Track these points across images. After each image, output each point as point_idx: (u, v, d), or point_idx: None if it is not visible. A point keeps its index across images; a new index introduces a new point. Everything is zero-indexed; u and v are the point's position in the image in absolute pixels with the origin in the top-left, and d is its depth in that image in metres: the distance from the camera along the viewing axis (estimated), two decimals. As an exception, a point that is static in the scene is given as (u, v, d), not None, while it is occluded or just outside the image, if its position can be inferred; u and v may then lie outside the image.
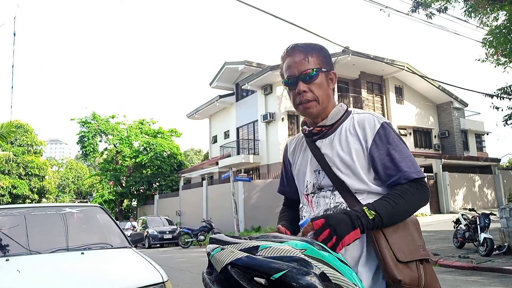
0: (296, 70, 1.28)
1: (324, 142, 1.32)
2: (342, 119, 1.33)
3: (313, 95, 1.28)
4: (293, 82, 1.30)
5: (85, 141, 30.07)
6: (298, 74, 1.28)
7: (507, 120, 11.34)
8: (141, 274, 2.93)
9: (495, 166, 22.76)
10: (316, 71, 1.28)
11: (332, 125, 1.32)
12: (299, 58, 1.29)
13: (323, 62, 1.32)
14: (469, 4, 10.31)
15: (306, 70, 1.27)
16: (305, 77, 1.28)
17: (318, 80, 1.29)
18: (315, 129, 1.33)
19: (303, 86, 1.28)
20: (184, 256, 12.55)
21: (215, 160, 23.43)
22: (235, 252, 0.54)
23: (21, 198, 31.57)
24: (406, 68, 20.42)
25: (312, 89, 1.28)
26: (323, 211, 1.25)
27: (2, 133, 9.65)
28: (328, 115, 1.32)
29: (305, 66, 1.28)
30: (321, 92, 1.30)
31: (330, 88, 1.34)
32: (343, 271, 0.55)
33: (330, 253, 0.57)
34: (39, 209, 3.99)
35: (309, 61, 1.29)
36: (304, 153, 1.40)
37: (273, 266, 0.50)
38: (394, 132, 1.27)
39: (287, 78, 1.31)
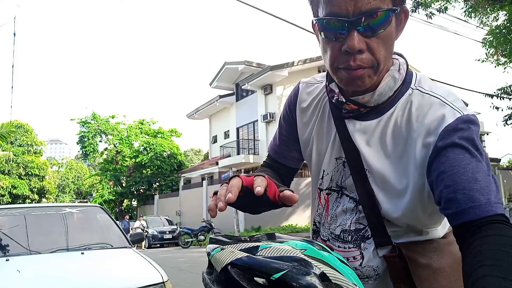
0: (352, 5, 0.69)
1: (360, 126, 0.83)
2: (396, 96, 0.80)
3: (373, 58, 0.73)
4: (342, 29, 0.71)
5: (85, 141, 30.10)
6: (356, 14, 0.69)
7: (507, 120, 11.34)
8: (141, 274, 2.93)
9: (495, 166, 22.76)
10: (389, 13, 0.70)
11: (379, 105, 0.81)
12: None
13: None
14: (469, 4, 10.31)
15: (372, 9, 0.69)
16: (366, 24, 0.70)
17: (388, 31, 0.72)
18: (350, 106, 0.82)
19: (359, 41, 0.70)
20: (184, 256, 12.55)
21: (215, 160, 23.43)
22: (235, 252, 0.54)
23: (21, 198, 31.57)
24: (406, 68, 20.39)
25: (374, 47, 0.72)
26: (340, 230, 0.88)
27: (2, 133, 9.65)
28: (377, 89, 0.79)
29: (371, 2, 0.69)
30: (386, 52, 0.74)
31: (396, 39, 0.77)
32: (344, 271, 0.55)
33: (331, 253, 0.57)
34: (39, 209, 3.99)
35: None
36: (324, 124, 0.91)
37: (273, 266, 0.50)
38: (477, 136, 0.72)
39: (328, 19, 0.72)
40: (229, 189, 0.66)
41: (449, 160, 0.69)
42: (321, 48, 0.79)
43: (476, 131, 0.72)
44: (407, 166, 0.77)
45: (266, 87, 20.10)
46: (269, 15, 7.90)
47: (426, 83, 0.81)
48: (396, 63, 0.82)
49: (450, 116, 0.72)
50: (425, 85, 0.81)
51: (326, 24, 0.72)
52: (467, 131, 0.70)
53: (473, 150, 0.69)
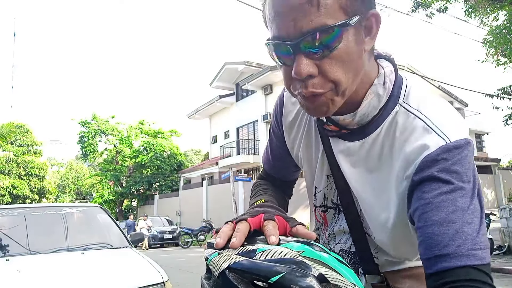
0: (292, 26, 0.58)
1: (344, 147, 0.75)
2: (382, 114, 0.70)
3: (328, 82, 0.62)
4: (287, 53, 0.61)
5: (85, 141, 30.12)
6: (298, 36, 0.59)
7: (507, 120, 11.35)
8: (141, 274, 2.93)
9: (495, 166, 22.76)
10: (338, 29, 0.58)
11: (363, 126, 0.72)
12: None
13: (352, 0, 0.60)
14: (469, 4, 10.32)
15: (315, 28, 0.57)
16: (312, 45, 0.58)
17: (342, 48, 0.59)
18: (331, 127, 0.74)
19: (307, 65, 0.60)
20: (184, 256, 12.56)
21: (215, 160, 23.43)
22: (232, 256, 0.54)
23: (21, 198, 31.58)
24: (406, 68, 20.42)
25: (327, 69, 0.60)
26: (339, 249, 0.84)
27: (2, 133, 9.66)
28: (358, 110, 0.69)
29: (313, 20, 0.57)
30: (347, 71, 0.62)
31: (365, 49, 0.64)
32: (342, 271, 0.55)
33: (329, 253, 0.57)
34: (39, 209, 3.99)
35: (321, 6, 0.57)
36: (312, 139, 0.84)
37: (271, 269, 0.50)
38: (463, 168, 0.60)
39: (274, 41, 0.62)
40: (235, 234, 0.58)
41: (423, 197, 0.60)
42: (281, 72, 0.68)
43: (464, 158, 0.60)
44: (389, 197, 0.69)
45: (266, 87, 20.11)
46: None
47: (415, 98, 0.69)
48: (381, 73, 0.70)
49: (433, 145, 0.61)
50: (413, 100, 0.69)
51: (272, 48, 0.63)
52: (450, 160, 0.60)
53: (456, 182, 0.59)
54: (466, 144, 0.62)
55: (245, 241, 0.57)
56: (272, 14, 0.61)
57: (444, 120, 0.64)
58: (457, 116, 0.67)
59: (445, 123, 0.64)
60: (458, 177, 0.59)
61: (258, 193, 0.92)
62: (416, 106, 0.68)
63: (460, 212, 0.57)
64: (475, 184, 0.61)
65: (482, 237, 0.57)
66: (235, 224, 0.61)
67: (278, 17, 0.60)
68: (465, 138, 0.62)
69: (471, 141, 0.63)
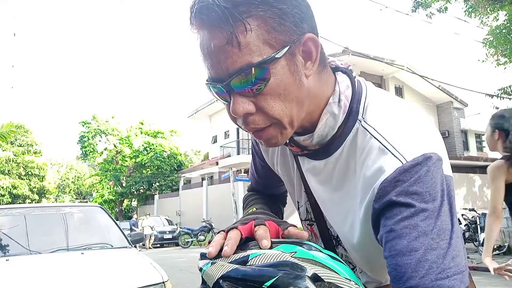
0: (221, 68, 0.58)
1: (309, 166, 0.74)
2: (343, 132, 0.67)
3: (268, 117, 0.61)
4: (222, 93, 0.61)
5: (85, 141, 30.12)
6: (226, 78, 0.58)
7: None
8: (141, 274, 2.93)
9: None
10: (265, 65, 0.57)
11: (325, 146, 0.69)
12: (218, 39, 0.56)
13: (279, 31, 0.57)
14: (469, 4, 10.32)
15: (240, 69, 0.57)
16: (241, 85, 0.58)
17: (273, 82, 0.58)
18: (293, 148, 0.73)
19: (242, 104, 0.60)
20: (184, 256, 12.56)
21: (215, 160, 23.43)
22: (225, 265, 0.54)
23: (21, 198, 31.58)
24: (406, 68, 20.43)
25: (263, 105, 0.60)
26: None
27: (2, 133, 9.66)
28: (315, 131, 0.67)
29: (236, 61, 0.57)
30: (286, 103, 0.60)
31: (307, 74, 0.62)
32: (336, 268, 0.55)
33: (322, 251, 0.57)
34: (39, 209, 3.99)
35: (242, 45, 0.56)
36: (287, 155, 0.83)
37: (264, 274, 0.51)
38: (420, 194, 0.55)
39: (211, 84, 0.61)
40: (227, 242, 0.57)
41: (386, 224, 0.56)
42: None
43: (424, 175, 0.55)
44: (354, 220, 0.65)
45: (266, 87, 20.10)
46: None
47: (372, 113, 0.64)
48: (336, 91, 0.66)
49: (388, 168, 0.56)
50: (371, 116, 0.64)
51: (209, 89, 0.63)
52: (407, 182, 0.54)
53: (417, 203, 0.54)
54: (425, 160, 0.55)
55: (237, 248, 0.57)
56: (201, 56, 0.61)
57: (400, 138, 0.59)
58: (418, 129, 0.61)
59: (402, 141, 0.58)
60: (419, 198, 0.54)
61: (249, 204, 0.92)
62: (373, 123, 0.63)
63: (423, 238, 0.52)
64: (443, 200, 0.55)
65: (450, 262, 0.52)
66: (226, 233, 0.61)
67: (207, 59, 0.60)
68: (423, 154, 0.56)
69: (432, 155, 0.56)
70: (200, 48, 0.60)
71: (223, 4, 0.55)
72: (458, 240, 0.54)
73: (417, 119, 0.63)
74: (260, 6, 0.56)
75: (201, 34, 0.59)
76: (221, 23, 0.55)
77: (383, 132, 0.61)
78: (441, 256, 0.52)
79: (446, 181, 0.57)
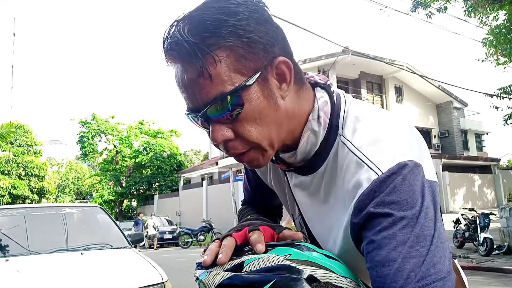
0: (196, 99, 0.60)
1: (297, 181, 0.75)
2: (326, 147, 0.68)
3: (246, 142, 0.62)
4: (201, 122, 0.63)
5: (85, 141, 30.12)
6: (202, 108, 0.60)
7: (507, 120, 11.35)
8: (141, 274, 2.93)
9: (495, 166, 22.77)
10: (237, 93, 0.58)
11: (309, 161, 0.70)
12: (190, 73, 0.59)
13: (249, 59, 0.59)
14: (469, 4, 10.32)
15: (214, 98, 0.58)
16: (217, 113, 0.60)
17: (248, 108, 0.59)
18: (280, 165, 0.75)
19: (221, 131, 0.61)
20: (184, 256, 12.56)
21: (215, 160, 23.43)
22: (220, 273, 0.54)
23: (21, 198, 31.57)
24: (406, 68, 20.44)
25: (240, 131, 0.61)
26: None
27: (2, 133, 9.65)
28: (297, 149, 0.68)
29: (209, 91, 0.58)
30: (260, 129, 0.61)
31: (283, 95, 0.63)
32: (332, 267, 0.55)
33: (317, 251, 0.57)
34: (39, 209, 3.99)
35: (213, 76, 0.57)
36: (277, 171, 0.83)
37: (260, 279, 0.51)
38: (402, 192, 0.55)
39: (187, 113, 0.64)
40: (221, 250, 0.57)
41: (366, 236, 0.56)
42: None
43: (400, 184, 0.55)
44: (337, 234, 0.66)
45: (266, 87, 20.10)
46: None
47: (349, 126, 0.65)
48: (315, 108, 0.67)
49: (365, 181, 0.57)
50: (348, 129, 0.65)
51: (189, 118, 0.65)
52: (383, 192, 0.55)
53: (396, 212, 0.54)
54: (400, 169, 0.56)
55: (232, 255, 0.57)
56: (178, 88, 0.63)
57: (375, 150, 0.60)
58: (393, 139, 0.61)
59: (376, 152, 0.59)
60: (396, 207, 0.54)
61: (244, 215, 0.92)
62: (349, 137, 0.64)
63: (401, 247, 0.52)
64: (422, 206, 0.54)
65: (430, 269, 0.51)
66: (221, 242, 0.61)
67: (183, 92, 0.62)
68: (397, 163, 0.56)
69: (408, 162, 0.56)
70: (176, 80, 0.62)
71: (191, 40, 0.57)
72: (442, 245, 0.54)
73: (394, 128, 0.63)
74: (227, 38, 0.57)
75: (175, 67, 0.62)
76: (190, 58, 0.57)
77: (359, 146, 0.62)
78: (419, 264, 0.51)
79: (430, 186, 0.57)
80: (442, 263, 0.53)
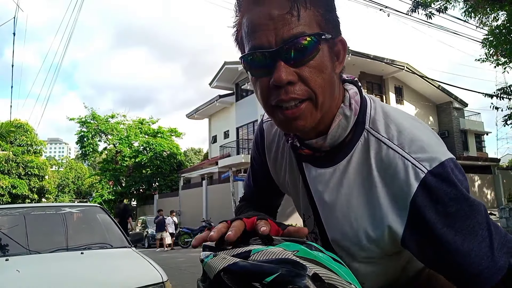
0: (273, 35, 0.62)
1: (316, 174, 0.76)
2: (351, 140, 0.71)
3: (308, 89, 0.63)
4: (267, 62, 0.63)
5: (85, 141, 30.09)
6: (278, 43, 0.61)
7: (507, 120, 11.35)
8: (141, 274, 2.93)
9: (494, 166, 22.78)
10: (316, 38, 0.62)
11: (335, 149, 0.73)
12: (279, 8, 0.61)
13: (326, 19, 0.65)
14: (469, 4, 10.32)
15: (295, 35, 0.61)
16: (292, 52, 0.61)
17: (318, 59, 0.63)
18: (305, 151, 0.76)
19: (287, 72, 0.62)
20: (184, 256, 12.56)
21: (215, 160, 23.42)
22: (227, 258, 0.54)
23: (20, 198, 31.56)
24: (406, 68, 20.44)
25: (306, 76, 0.63)
26: None
27: (2, 132, 9.65)
28: (329, 131, 0.71)
29: (293, 28, 0.61)
30: (324, 82, 0.64)
31: (336, 72, 0.68)
32: (337, 270, 0.55)
33: (324, 252, 0.57)
34: (39, 209, 3.99)
35: (301, 17, 0.61)
36: (294, 166, 0.84)
37: (265, 270, 0.50)
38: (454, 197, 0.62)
39: (252, 54, 0.65)
40: (231, 228, 0.58)
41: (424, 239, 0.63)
42: (253, 88, 0.70)
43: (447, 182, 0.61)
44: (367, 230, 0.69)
45: (266, 87, 20.08)
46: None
47: (381, 122, 0.70)
48: (346, 97, 0.72)
49: (414, 180, 0.62)
50: (380, 125, 0.69)
51: (250, 60, 0.65)
52: (435, 194, 0.61)
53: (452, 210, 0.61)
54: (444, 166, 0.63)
55: (240, 242, 0.57)
56: (251, 28, 0.64)
57: (417, 145, 0.65)
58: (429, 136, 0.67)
59: (419, 148, 0.65)
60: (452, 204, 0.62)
61: (243, 211, 0.94)
62: (385, 134, 0.68)
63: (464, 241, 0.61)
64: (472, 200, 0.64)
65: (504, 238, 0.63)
66: (229, 223, 0.61)
67: (259, 29, 0.63)
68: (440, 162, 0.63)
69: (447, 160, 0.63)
70: (251, 21, 0.65)
71: None
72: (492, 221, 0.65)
73: (425, 127, 0.70)
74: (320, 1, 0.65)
75: (257, 7, 0.64)
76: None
77: (398, 142, 0.66)
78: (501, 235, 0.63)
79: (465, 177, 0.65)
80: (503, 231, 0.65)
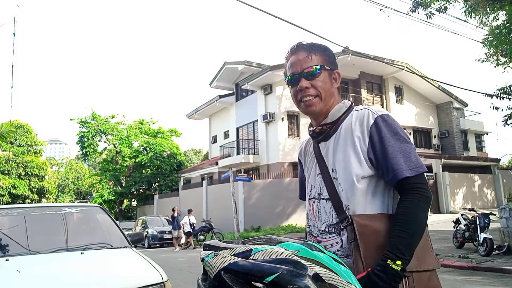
0: (299, 67, 1.30)
1: (326, 143, 1.33)
2: (343, 116, 1.31)
3: (316, 91, 1.29)
4: (296, 79, 1.31)
5: (85, 141, 30.07)
6: (301, 71, 1.30)
7: (507, 120, 11.34)
8: (141, 274, 2.93)
9: (494, 166, 22.75)
10: (319, 68, 1.29)
11: (333, 123, 1.31)
12: (303, 55, 1.31)
13: (327, 61, 1.33)
14: (469, 4, 10.31)
15: (308, 67, 1.29)
16: (308, 74, 1.29)
17: (321, 77, 1.30)
18: (317, 129, 1.33)
19: (305, 83, 1.29)
20: (184, 256, 12.55)
21: (215, 160, 23.41)
22: (227, 257, 0.54)
23: (20, 198, 31.55)
24: (406, 68, 20.42)
25: (315, 85, 1.29)
26: (325, 226, 1.27)
27: (2, 133, 9.65)
28: (329, 112, 1.32)
29: (308, 63, 1.30)
30: (324, 88, 1.30)
31: (333, 87, 1.34)
32: (338, 270, 0.55)
33: (324, 253, 0.57)
34: (39, 209, 3.98)
35: (312, 59, 1.30)
36: (312, 155, 1.40)
37: (266, 269, 0.50)
38: (389, 125, 1.22)
39: (290, 76, 1.33)
40: None
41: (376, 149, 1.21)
42: (290, 92, 1.39)
43: (388, 122, 1.24)
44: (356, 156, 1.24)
45: (266, 87, 20.09)
46: (269, 15, 7.89)
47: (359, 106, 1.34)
48: (342, 102, 1.36)
49: (371, 119, 1.24)
50: (358, 107, 1.34)
51: (290, 79, 1.35)
52: (383, 123, 1.23)
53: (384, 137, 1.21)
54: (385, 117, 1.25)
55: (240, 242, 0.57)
56: (289, 64, 1.36)
57: (377, 109, 1.29)
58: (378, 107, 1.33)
59: (373, 109, 1.28)
60: (390, 131, 1.23)
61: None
62: (360, 108, 1.33)
63: (398, 145, 1.21)
64: (403, 133, 1.25)
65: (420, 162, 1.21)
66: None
67: (294, 65, 1.34)
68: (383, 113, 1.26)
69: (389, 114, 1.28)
70: (291, 60, 1.36)
71: (309, 45, 1.36)
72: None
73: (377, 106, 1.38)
74: (321, 50, 1.35)
75: (294, 54, 1.35)
76: (310, 49, 1.34)
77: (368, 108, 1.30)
78: (412, 155, 1.20)
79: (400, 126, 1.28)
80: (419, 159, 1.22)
